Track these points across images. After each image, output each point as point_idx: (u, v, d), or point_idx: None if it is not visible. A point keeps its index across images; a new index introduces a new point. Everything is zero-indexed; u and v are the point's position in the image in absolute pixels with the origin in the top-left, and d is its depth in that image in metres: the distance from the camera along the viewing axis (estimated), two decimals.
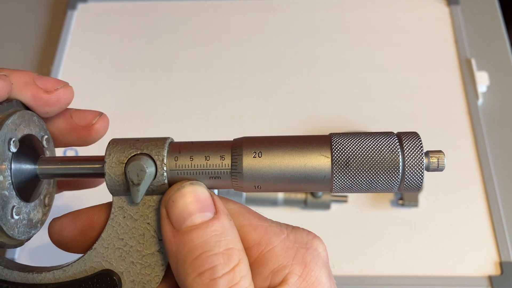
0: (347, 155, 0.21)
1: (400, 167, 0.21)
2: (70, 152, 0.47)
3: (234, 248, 0.20)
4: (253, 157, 0.22)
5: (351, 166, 0.21)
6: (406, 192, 0.22)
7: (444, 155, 0.21)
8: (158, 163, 0.22)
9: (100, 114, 0.27)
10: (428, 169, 0.21)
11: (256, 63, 0.52)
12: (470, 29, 0.53)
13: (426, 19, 0.54)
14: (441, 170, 0.21)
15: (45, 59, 0.54)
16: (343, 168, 0.21)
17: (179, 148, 0.22)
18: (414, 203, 0.42)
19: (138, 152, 0.22)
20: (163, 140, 0.22)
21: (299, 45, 0.53)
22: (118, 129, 0.48)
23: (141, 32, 0.55)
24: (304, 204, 0.43)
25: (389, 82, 0.49)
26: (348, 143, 0.21)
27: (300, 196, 0.42)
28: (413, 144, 0.21)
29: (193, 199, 0.21)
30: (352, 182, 0.21)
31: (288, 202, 0.43)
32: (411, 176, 0.21)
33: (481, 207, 0.42)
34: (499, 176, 0.44)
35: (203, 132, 0.48)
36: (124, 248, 0.22)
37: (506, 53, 0.52)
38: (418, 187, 0.21)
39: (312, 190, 0.22)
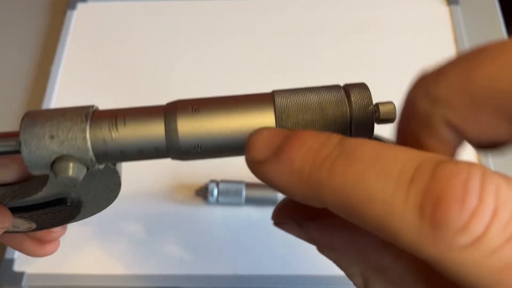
0: (291, 112, 0.20)
1: (348, 119, 0.20)
2: None
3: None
4: (190, 112, 0.20)
5: (295, 123, 0.20)
6: None
7: (395, 106, 0.20)
8: (88, 163, 0.20)
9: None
10: (378, 120, 0.20)
11: (256, 63, 0.52)
12: (470, 29, 0.53)
13: (426, 18, 0.54)
14: (393, 121, 0.20)
15: (44, 59, 0.54)
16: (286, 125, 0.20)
17: (102, 125, 0.20)
18: None
19: (61, 156, 0.19)
20: (81, 127, 0.19)
21: (299, 45, 0.53)
22: None
23: (141, 32, 0.55)
24: None
25: (388, 81, 0.49)
26: (292, 100, 0.20)
27: None
28: (361, 95, 0.21)
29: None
30: None
31: None
32: (360, 129, 0.20)
33: None
34: None
35: None
36: None
37: None
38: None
39: None
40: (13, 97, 0.52)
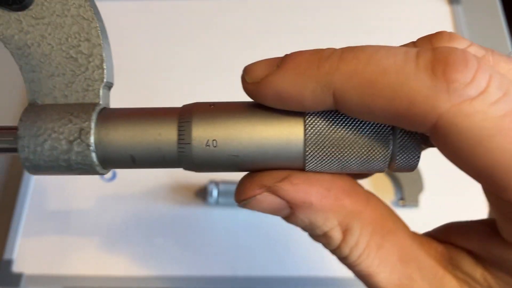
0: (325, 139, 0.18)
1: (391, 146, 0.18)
2: None
3: None
4: (207, 109, 0.19)
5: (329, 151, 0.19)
6: (399, 171, 0.20)
7: None
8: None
9: None
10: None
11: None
12: (471, 28, 0.53)
13: (427, 18, 0.53)
14: None
15: None
16: (318, 148, 0.19)
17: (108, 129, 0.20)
18: (414, 203, 0.42)
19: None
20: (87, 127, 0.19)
21: (298, 45, 0.53)
22: None
23: (141, 32, 0.55)
24: None
25: None
26: (326, 128, 0.18)
27: None
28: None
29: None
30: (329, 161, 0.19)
31: None
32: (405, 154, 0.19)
33: (481, 207, 0.42)
34: None
35: None
36: None
37: (507, 53, 0.52)
38: (414, 166, 0.19)
39: (283, 167, 0.19)
40: (13, 96, 0.52)
